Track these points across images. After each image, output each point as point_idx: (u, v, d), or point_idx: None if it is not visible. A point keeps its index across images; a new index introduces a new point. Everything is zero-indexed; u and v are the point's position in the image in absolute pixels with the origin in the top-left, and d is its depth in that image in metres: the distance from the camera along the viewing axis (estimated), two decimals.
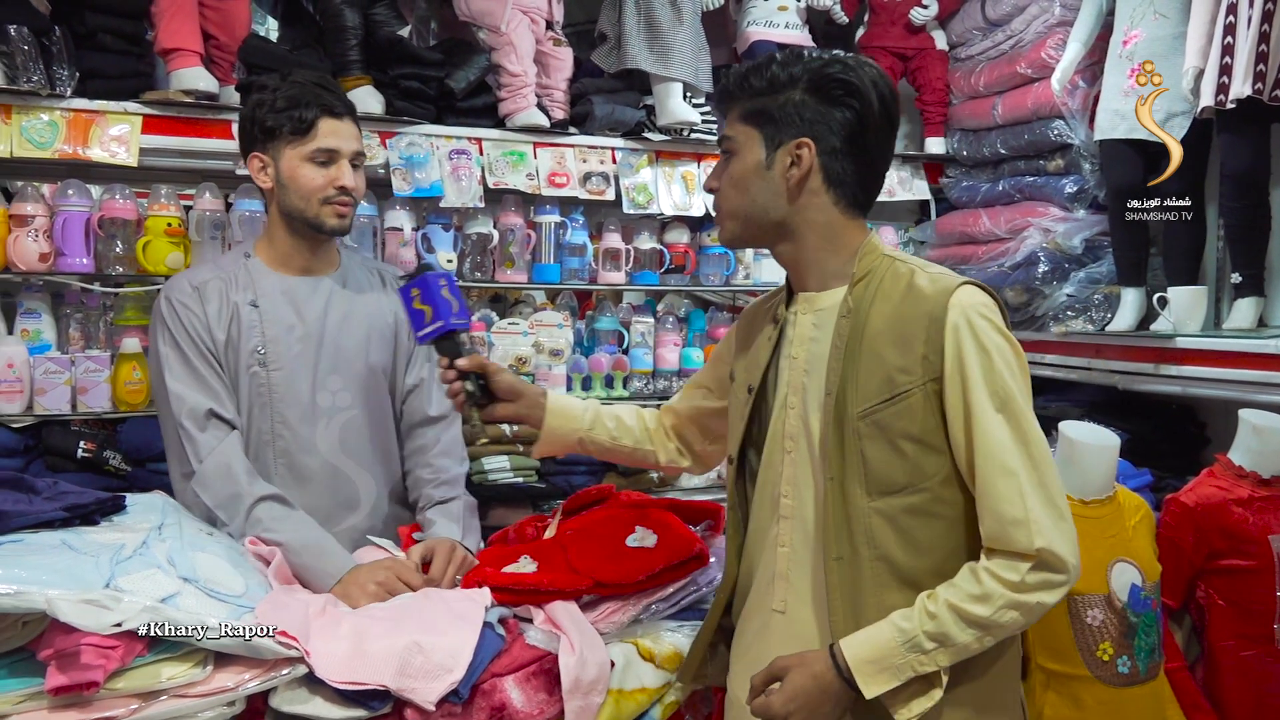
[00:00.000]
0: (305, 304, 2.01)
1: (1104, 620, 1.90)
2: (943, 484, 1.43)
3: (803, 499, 1.52)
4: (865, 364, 1.45)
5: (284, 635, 1.50)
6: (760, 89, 1.49)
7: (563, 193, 2.88)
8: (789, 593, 1.53)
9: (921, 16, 3.26)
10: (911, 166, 3.38)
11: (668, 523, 1.89)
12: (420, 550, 1.89)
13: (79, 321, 2.57)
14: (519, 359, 2.80)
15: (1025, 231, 2.93)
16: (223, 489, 1.84)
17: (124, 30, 2.47)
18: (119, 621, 1.41)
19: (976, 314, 1.43)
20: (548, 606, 1.74)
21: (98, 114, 2.44)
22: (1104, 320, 2.75)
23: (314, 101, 1.93)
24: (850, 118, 1.46)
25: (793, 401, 1.54)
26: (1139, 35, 2.61)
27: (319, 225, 1.97)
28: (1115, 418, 2.54)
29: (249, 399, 1.95)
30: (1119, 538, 1.97)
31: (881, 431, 1.43)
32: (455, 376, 1.74)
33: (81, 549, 1.53)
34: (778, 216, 1.51)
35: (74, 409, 2.43)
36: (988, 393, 1.39)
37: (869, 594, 1.43)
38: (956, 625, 1.36)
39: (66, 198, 2.42)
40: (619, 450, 1.86)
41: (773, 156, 1.48)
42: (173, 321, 1.94)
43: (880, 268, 1.49)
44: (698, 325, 3.19)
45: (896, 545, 1.43)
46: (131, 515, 1.71)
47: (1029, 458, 1.38)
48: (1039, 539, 1.35)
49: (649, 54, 2.89)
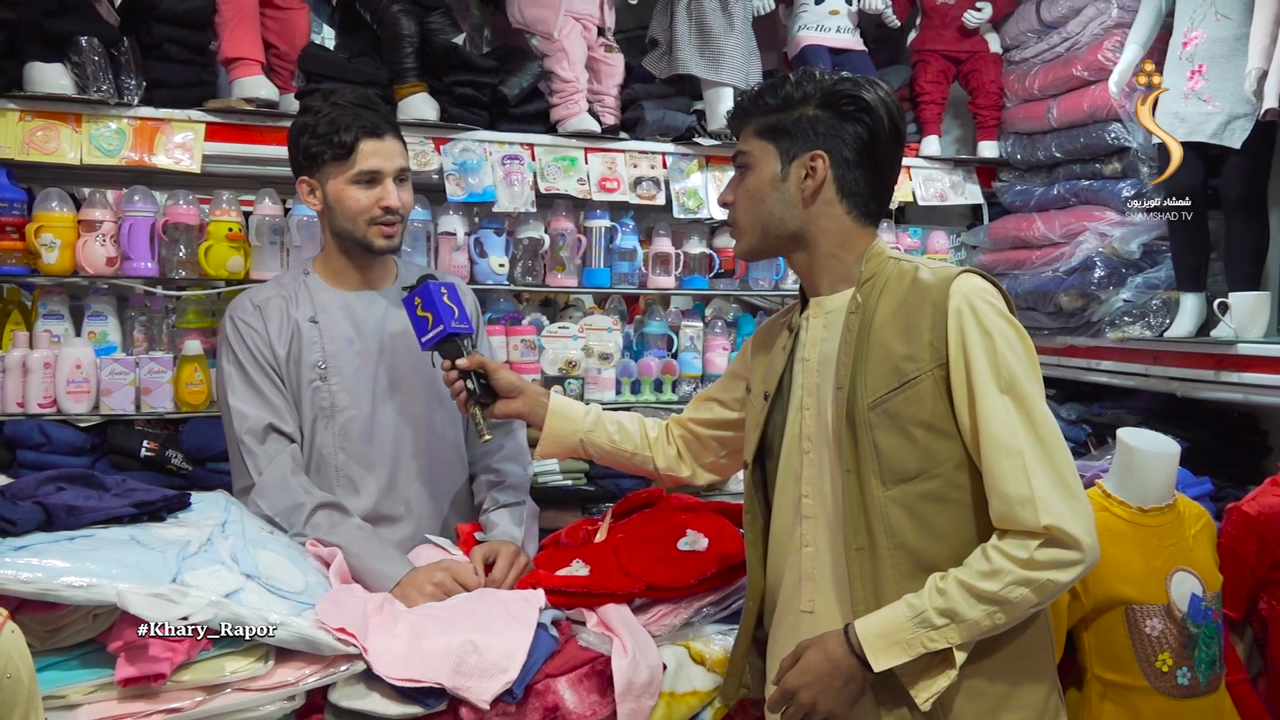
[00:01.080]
0: (363, 318, 2.04)
1: (1163, 630, 1.87)
2: (956, 469, 1.46)
3: (824, 497, 1.55)
4: (873, 356, 1.49)
5: (343, 632, 1.54)
6: (775, 105, 1.56)
7: (613, 197, 2.90)
8: (816, 592, 1.55)
9: (975, 19, 3.23)
10: (964, 170, 3.35)
11: (719, 526, 1.90)
12: (483, 552, 1.91)
13: (143, 324, 2.63)
14: (569, 362, 2.83)
15: (1081, 236, 2.89)
16: (281, 498, 1.88)
17: (189, 40, 2.53)
18: (186, 615, 1.45)
19: (978, 298, 1.45)
20: (600, 609, 1.76)
21: (163, 122, 2.50)
22: (1162, 326, 2.71)
23: (354, 123, 1.94)
24: (862, 132, 1.53)
25: (808, 403, 1.57)
26: (1199, 36, 2.56)
27: (368, 245, 1.99)
28: (1174, 425, 2.49)
29: (312, 413, 1.98)
30: (1179, 546, 1.94)
31: (892, 420, 1.46)
32: (456, 376, 1.83)
33: (149, 544, 1.58)
34: (793, 226, 1.57)
35: (138, 409, 2.48)
36: (991, 374, 1.42)
37: (890, 583, 1.45)
38: (965, 601, 1.38)
39: (132, 203, 2.48)
40: (618, 454, 1.90)
41: (788, 169, 1.55)
42: (235, 340, 1.98)
43: (885, 268, 1.55)
44: (746, 330, 3.19)
45: (914, 532, 1.45)
46: (196, 512, 1.76)
47: (1035, 437, 1.40)
48: (1046, 516, 1.36)
49: (700, 59, 2.90)
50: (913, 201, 3.24)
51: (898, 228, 3.33)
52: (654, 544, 1.87)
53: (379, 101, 2.06)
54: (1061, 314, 2.95)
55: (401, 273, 2.14)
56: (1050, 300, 2.95)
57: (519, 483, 2.11)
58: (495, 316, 2.91)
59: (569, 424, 1.87)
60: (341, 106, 1.96)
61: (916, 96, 3.27)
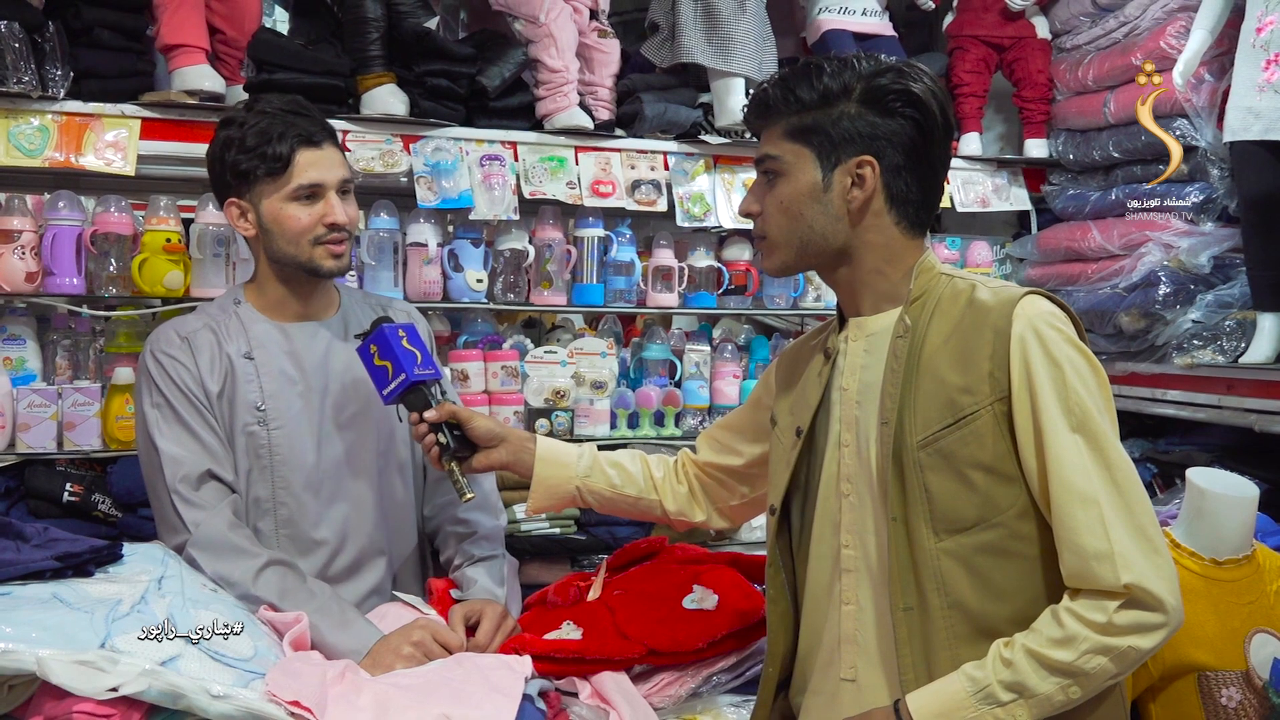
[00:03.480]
0: (304, 353, 2.04)
1: (1241, 701, 1.87)
2: (1019, 518, 1.45)
3: (867, 548, 1.54)
4: (924, 387, 1.48)
5: (297, 705, 1.54)
6: (811, 102, 1.54)
7: (608, 203, 2.92)
8: (859, 657, 1.54)
9: (1020, 1, 3.27)
10: (1009, 172, 3.38)
11: (731, 581, 1.91)
12: (464, 611, 1.92)
13: (67, 349, 2.63)
14: (556, 392, 2.84)
15: (1143, 247, 2.92)
16: (223, 555, 1.87)
17: (123, 25, 2.55)
18: (115, 685, 1.45)
19: (1045, 324, 1.45)
20: (594, 678, 1.76)
21: (93, 117, 2.52)
22: (1237, 351, 2.72)
23: (287, 132, 1.94)
24: (912, 130, 1.52)
25: (846, 439, 1.57)
26: (1275, 22, 2.60)
27: (314, 269, 2.00)
28: (1251, 464, 2.51)
29: (247, 462, 1.99)
30: (1259, 604, 1.95)
31: (946, 461, 1.46)
32: (427, 430, 1.84)
33: (75, 604, 1.58)
34: (839, 243, 1.56)
35: (60, 447, 2.48)
36: (1061, 411, 1.41)
37: (942, 648, 1.45)
38: (1036, 673, 1.37)
39: (56, 211, 2.49)
40: (621, 500, 1.90)
41: (830, 177, 1.54)
42: (160, 377, 1.97)
43: (937, 286, 1.55)
44: (760, 354, 3.20)
45: (971, 590, 1.45)
46: (129, 566, 1.76)
47: (1112, 482, 1.40)
48: (1126, 574, 1.36)
49: (707, 46, 2.93)
50: (950, 207, 3.26)
51: (933, 237, 3.35)
52: (656, 602, 1.87)
53: (311, 106, 2.06)
54: (1122, 337, 2.97)
55: (344, 301, 2.15)
56: (1109, 321, 2.97)
57: (491, 533, 2.12)
58: (472, 339, 2.92)
59: (561, 470, 1.87)
60: (270, 114, 1.96)
61: (954, 88, 3.31)
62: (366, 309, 2.17)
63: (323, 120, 2.04)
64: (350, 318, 2.12)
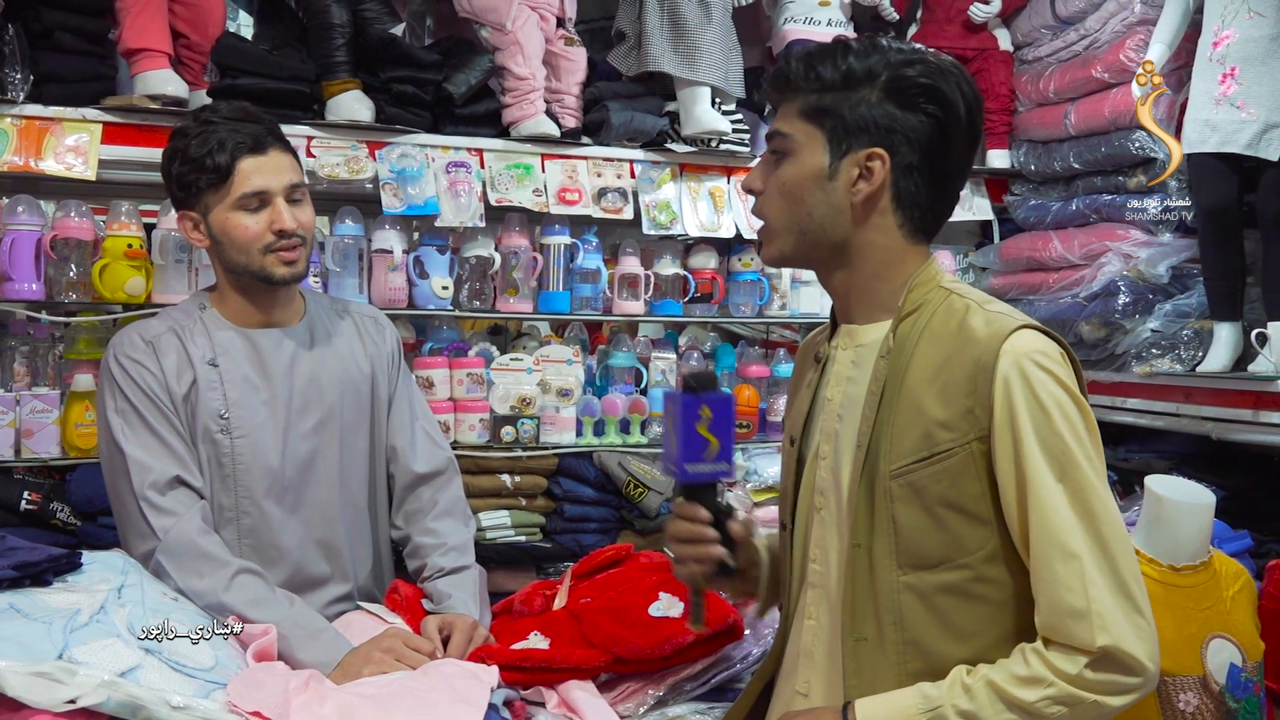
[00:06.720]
0: (269, 361, 2.03)
1: (1199, 706, 1.89)
2: (987, 561, 1.41)
3: (829, 566, 1.51)
4: (903, 414, 1.43)
5: (259, 716, 1.53)
6: (832, 82, 1.46)
7: (574, 211, 2.92)
8: (812, 673, 1.52)
9: (983, 13, 3.30)
10: (971, 182, 3.41)
11: None
12: (436, 623, 1.91)
13: (25, 355, 2.59)
14: (522, 400, 2.83)
15: (1103, 257, 2.95)
16: (193, 562, 1.85)
17: (85, 28, 2.53)
18: (74, 698, 1.43)
19: (1032, 363, 1.38)
20: (561, 687, 1.76)
21: (53, 122, 2.49)
22: (1194, 359, 2.76)
23: (228, 140, 1.92)
24: (932, 129, 1.44)
25: (824, 451, 1.53)
26: (1231, 36, 2.64)
27: (268, 277, 1.98)
28: (1208, 472, 2.53)
29: (208, 470, 1.98)
30: (1215, 610, 1.97)
31: (917, 495, 1.41)
32: (714, 538, 1.53)
33: (32, 614, 1.56)
34: (838, 237, 1.49)
35: (18, 454, 2.45)
36: (1045, 458, 1.36)
37: (891, 683, 1.41)
38: (992, 706, 1.34)
39: (15, 215, 2.46)
40: None
41: (837, 165, 1.46)
42: (125, 382, 1.95)
43: (933, 301, 1.47)
44: (726, 362, 3.21)
45: (930, 629, 1.42)
46: (88, 575, 1.74)
47: (1095, 536, 1.35)
48: (1103, 636, 1.32)
49: (673, 55, 2.94)
50: None
51: None
52: (622, 610, 1.87)
53: (259, 113, 2.04)
54: (1082, 345, 3.00)
55: (310, 307, 2.14)
56: (1069, 330, 3.00)
57: (462, 545, 2.11)
58: (438, 346, 2.91)
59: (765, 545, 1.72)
60: (214, 123, 1.95)
61: None
62: (333, 315, 2.15)
63: (271, 125, 2.02)
64: (316, 324, 2.11)
